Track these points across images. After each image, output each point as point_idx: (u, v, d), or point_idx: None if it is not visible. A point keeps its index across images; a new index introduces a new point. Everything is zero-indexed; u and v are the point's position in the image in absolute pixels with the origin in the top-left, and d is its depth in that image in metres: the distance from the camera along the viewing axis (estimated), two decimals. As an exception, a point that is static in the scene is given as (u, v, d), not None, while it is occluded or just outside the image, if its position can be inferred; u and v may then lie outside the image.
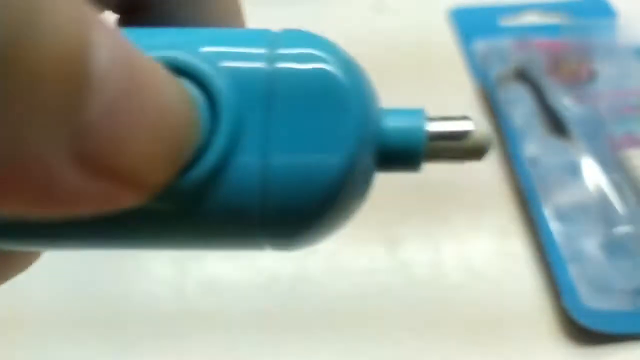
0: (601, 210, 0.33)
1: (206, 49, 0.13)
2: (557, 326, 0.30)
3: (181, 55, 0.13)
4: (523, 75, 0.40)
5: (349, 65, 0.14)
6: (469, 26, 0.46)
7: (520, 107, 0.38)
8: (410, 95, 0.42)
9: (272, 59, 0.13)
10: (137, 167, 0.10)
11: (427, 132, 0.14)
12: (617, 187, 0.34)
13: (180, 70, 0.13)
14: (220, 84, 0.13)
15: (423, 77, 0.43)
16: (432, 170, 0.37)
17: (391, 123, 0.14)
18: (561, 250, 0.32)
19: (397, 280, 0.33)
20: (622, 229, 0.32)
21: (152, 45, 0.13)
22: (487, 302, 0.32)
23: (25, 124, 0.09)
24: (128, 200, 0.11)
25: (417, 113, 0.14)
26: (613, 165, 0.35)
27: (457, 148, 0.14)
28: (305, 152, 0.13)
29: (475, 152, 0.14)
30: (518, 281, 0.32)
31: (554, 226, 0.33)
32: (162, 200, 0.12)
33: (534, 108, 0.38)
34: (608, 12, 0.47)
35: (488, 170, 0.37)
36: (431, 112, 0.15)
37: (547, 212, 0.34)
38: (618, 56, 0.42)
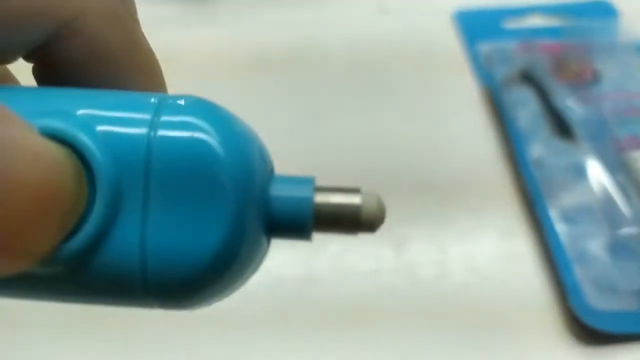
0: (606, 211, 0.33)
1: (90, 112, 0.13)
2: (562, 326, 0.31)
3: (58, 123, 0.13)
4: (527, 77, 0.40)
5: (232, 134, 0.13)
6: (473, 28, 0.46)
7: (525, 108, 0.39)
8: (415, 97, 0.42)
9: (154, 125, 0.13)
10: (7, 239, 0.11)
11: (314, 203, 0.14)
12: (622, 188, 0.34)
13: (57, 137, 0.12)
14: (96, 152, 0.13)
15: (427, 79, 0.43)
16: (437, 172, 0.37)
17: (279, 192, 0.14)
18: (566, 251, 0.32)
19: (403, 281, 0.33)
20: (627, 230, 0.32)
21: (35, 110, 0.13)
22: (492, 302, 0.32)
23: None
24: (4, 270, 0.11)
25: (306, 182, 0.14)
26: (617, 166, 0.35)
27: (346, 222, 0.14)
28: (182, 223, 0.13)
29: (363, 227, 0.14)
30: (524, 281, 0.32)
31: (559, 227, 0.33)
32: (46, 266, 0.12)
33: (538, 110, 0.38)
34: (611, 14, 0.47)
35: (493, 172, 0.37)
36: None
37: (553, 213, 0.34)
38: (621, 57, 0.42)
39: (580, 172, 0.35)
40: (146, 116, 0.13)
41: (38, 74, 0.16)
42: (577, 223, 0.33)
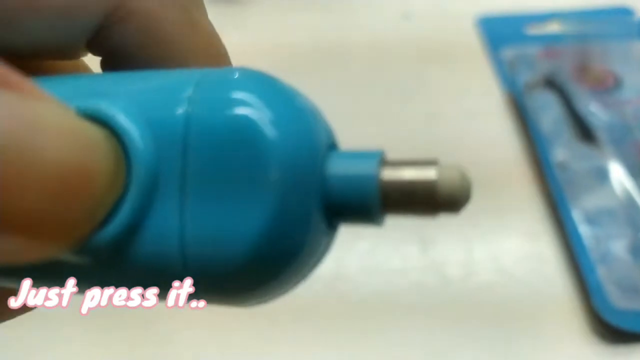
0: (628, 214, 0.34)
1: (132, 94, 0.12)
2: (586, 325, 0.31)
3: (96, 104, 0.12)
4: (550, 83, 0.41)
5: (284, 109, 0.12)
6: (496, 34, 0.47)
7: (548, 113, 0.39)
8: (440, 101, 0.43)
9: (194, 102, 0.12)
10: (37, 223, 0.10)
11: (382, 181, 0.12)
12: (644, 191, 0.35)
13: (96, 119, 0.12)
14: (134, 134, 0.12)
15: (452, 84, 0.44)
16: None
17: (338, 169, 0.12)
18: (590, 252, 0.33)
19: (429, 279, 0.34)
20: (649, 233, 0.33)
21: (77, 93, 0.12)
22: (517, 301, 0.33)
23: None
24: (35, 254, 0.10)
25: (371, 157, 0.12)
26: (639, 170, 0.36)
27: (420, 201, 0.12)
28: (224, 210, 0.11)
29: (442, 206, 0.12)
30: (548, 281, 0.33)
31: (583, 229, 0.34)
32: (79, 254, 0.12)
33: (561, 114, 0.39)
34: (632, 19, 0.48)
35: (518, 174, 0.38)
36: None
37: (576, 216, 0.35)
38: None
39: (603, 176, 0.36)
40: (186, 92, 0.12)
41: (104, 66, 0.15)
42: (600, 225, 0.34)
